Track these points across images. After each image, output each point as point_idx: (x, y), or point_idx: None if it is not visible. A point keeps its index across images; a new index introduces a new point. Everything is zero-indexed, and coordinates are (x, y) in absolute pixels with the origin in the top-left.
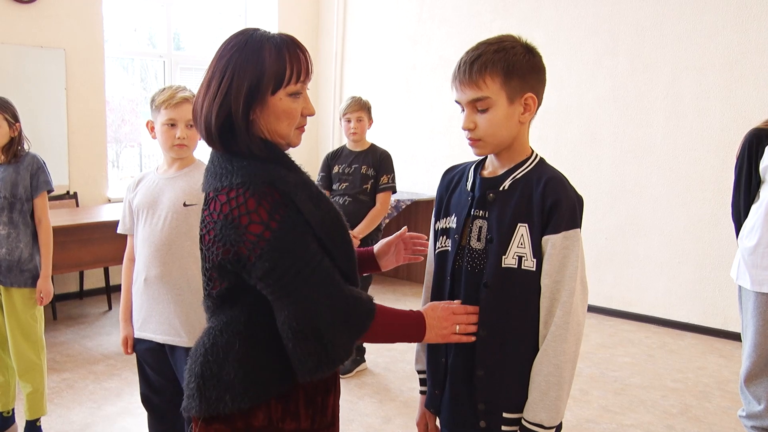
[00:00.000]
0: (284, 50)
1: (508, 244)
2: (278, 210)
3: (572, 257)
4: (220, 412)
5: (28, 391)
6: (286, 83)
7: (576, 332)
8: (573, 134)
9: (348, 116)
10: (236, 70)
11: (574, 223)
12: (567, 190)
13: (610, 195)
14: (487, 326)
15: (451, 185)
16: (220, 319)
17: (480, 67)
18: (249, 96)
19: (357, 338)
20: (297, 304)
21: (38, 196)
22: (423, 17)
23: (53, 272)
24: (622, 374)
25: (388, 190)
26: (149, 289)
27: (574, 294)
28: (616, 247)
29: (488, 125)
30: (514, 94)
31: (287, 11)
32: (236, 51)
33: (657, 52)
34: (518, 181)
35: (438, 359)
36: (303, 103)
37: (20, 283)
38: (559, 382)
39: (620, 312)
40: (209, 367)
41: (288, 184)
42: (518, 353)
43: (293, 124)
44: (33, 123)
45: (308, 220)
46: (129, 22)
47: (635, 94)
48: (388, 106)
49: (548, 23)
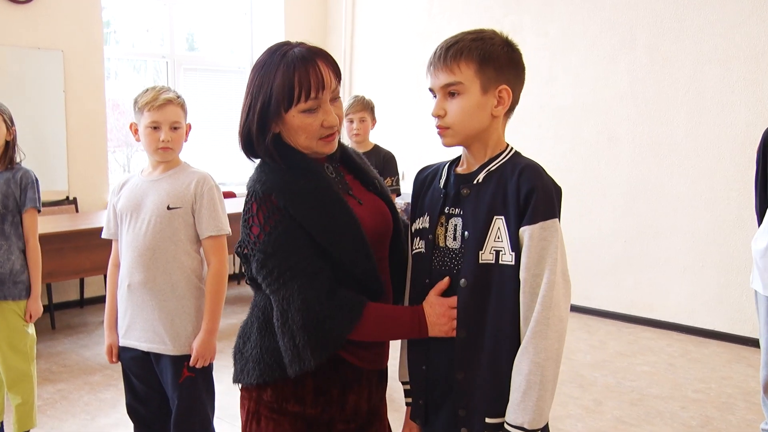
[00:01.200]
0: (294, 70)
1: (485, 239)
2: (273, 216)
3: (551, 249)
4: (242, 381)
5: (17, 403)
6: (296, 102)
7: (558, 328)
8: (589, 133)
9: (350, 116)
10: (254, 92)
11: (551, 213)
12: (543, 178)
13: (628, 195)
14: (466, 326)
15: (424, 185)
16: (253, 302)
17: (455, 52)
18: (264, 115)
19: (333, 344)
20: (277, 304)
21: (25, 211)
22: (433, 13)
23: (52, 279)
24: (639, 384)
25: (392, 193)
26: (133, 296)
27: (555, 287)
28: (636, 250)
29: (459, 112)
30: (488, 84)
31: (294, 9)
32: (257, 72)
33: (677, 44)
34: (493, 174)
35: (418, 367)
36: (322, 116)
37: (14, 296)
38: (541, 382)
39: (640, 318)
40: (239, 342)
41: (288, 192)
42: (499, 354)
43: (312, 137)
44: (31, 126)
45: (306, 228)
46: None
47: (654, 90)
48: (397, 105)
49: (562, 17)
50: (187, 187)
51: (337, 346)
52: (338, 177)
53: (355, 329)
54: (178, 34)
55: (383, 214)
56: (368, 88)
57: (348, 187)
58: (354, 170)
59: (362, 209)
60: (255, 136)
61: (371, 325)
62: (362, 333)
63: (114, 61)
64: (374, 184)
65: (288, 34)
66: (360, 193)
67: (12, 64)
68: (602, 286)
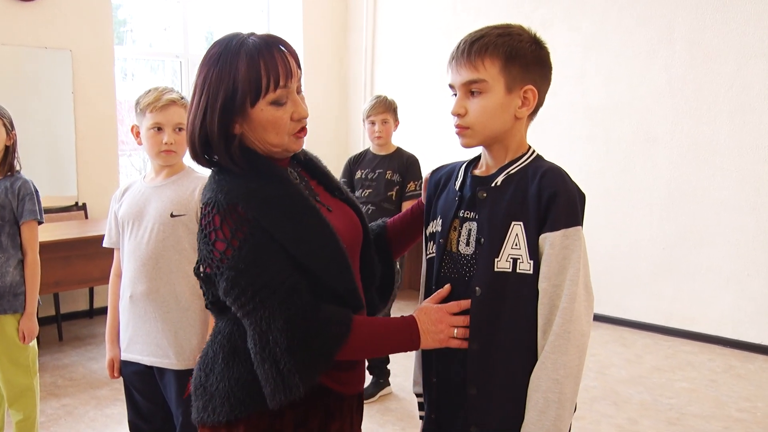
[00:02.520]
0: (258, 57)
1: (501, 246)
2: (241, 228)
3: (573, 258)
4: (206, 420)
5: (18, 419)
6: (264, 92)
7: (579, 343)
8: (625, 133)
9: (372, 118)
10: (210, 87)
11: (575, 220)
12: (566, 182)
13: (667, 199)
14: (479, 339)
15: (438, 186)
16: (214, 329)
17: (480, 48)
18: (225, 112)
19: (323, 365)
20: (254, 326)
21: (24, 223)
22: (458, 9)
23: (60, 289)
24: (678, 402)
25: (415, 198)
26: (135, 307)
27: (576, 299)
28: (676, 258)
29: (480, 112)
30: (513, 83)
31: (312, 6)
32: (211, 65)
33: (719, 39)
34: (512, 177)
35: (429, 380)
36: (292, 108)
37: (15, 309)
38: (559, 400)
39: (680, 331)
40: (200, 375)
41: (256, 201)
42: (515, 368)
43: (283, 132)
44: (38, 129)
45: (279, 239)
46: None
47: (695, 87)
48: (421, 106)
49: (595, 10)
50: (191, 194)
51: (327, 367)
52: (303, 182)
53: (344, 346)
54: (194, 33)
55: (353, 222)
56: (390, 88)
57: (314, 193)
58: (318, 175)
59: (332, 217)
60: (215, 140)
61: (361, 340)
62: (352, 350)
63: (130, 61)
64: (339, 189)
65: (307, 31)
66: (327, 199)
67: (19, 65)
68: (639, 296)
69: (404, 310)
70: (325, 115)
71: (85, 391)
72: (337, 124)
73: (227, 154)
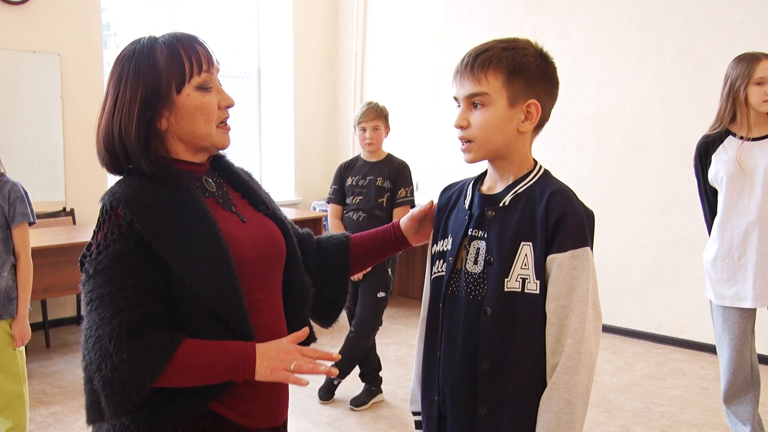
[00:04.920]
0: (176, 45)
1: (511, 266)
2: (112, 231)
3: (582, 279)
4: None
5: (7, 428)
6: (189, 77)
7: (588, 363)
8: (615, 141)
9: (363, 125)
10: (127, 84)
11: (583, 241)
12: (574, 203)
13: (657, 208)
14: (490, 358)
15: (449, 204)
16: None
17: (484, 61)
18: (147, 106)
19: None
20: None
21: (16, 227)
22: (450, 15)
23: (47, 295)
24: (670, 409)
25: (406, 205)
26: None
27: (586, 320)
28: (665, 266)
29: (482, 125)
30: (516, 97)
31: (303, 10)
32: (126, 62)
33: (709, 47)
34: (520, 196)
35: (432, 398)
36: (217, 95)
37: (10, 314)
38: (570, 420)
39: (670, 339)
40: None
41: (139, 206)
42: (524, 387)
43: (211, 119)
44: (25, 134)
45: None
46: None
47: (685, 95)
48: (412, 113)
49: (587, 18)
50: None
51: (140, 397)
52: (220, 191)
53: (161, 375)
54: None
55: (271, 237)
56: (380, 95)
57: (231, 203)
58: (242, 188)
59: (244, 228)
60: (133, 139)
61: (182, 368)
62: (171, 378)
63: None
64: (265, 204)
65: (297, 36)
66: (246, 211)
67: (6, 69)
68: (629, 304)
69: (394, 317)
70: (315, 122)
71: (74, 398)
72: (327, 130)
73: (145, 153)
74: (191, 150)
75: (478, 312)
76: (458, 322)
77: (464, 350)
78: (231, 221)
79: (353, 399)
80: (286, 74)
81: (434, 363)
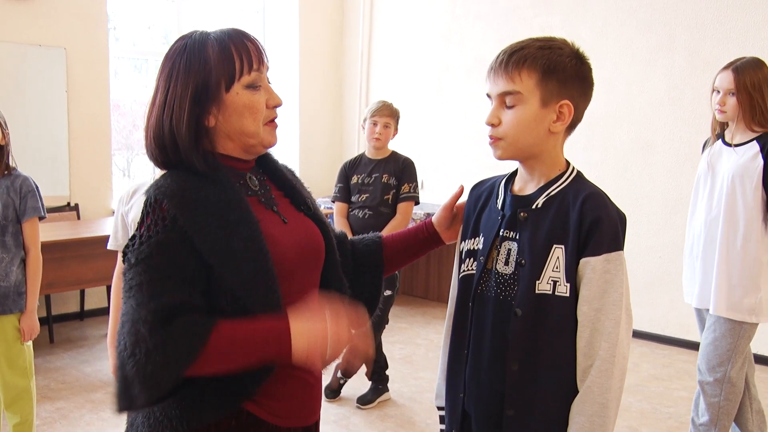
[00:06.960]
0: (228, 42)
1: (543, 268)
2: (155, 225)
3: (616, 283)
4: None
5: (14, 422)
6: (239, 75)
7: (621, 366)
8: (623, 141)
9: (375, 119)
10: (178, 80)
11: (616, 245)
12: (608, 207)
13: (665, 208)
14: (519, 359)
15: (479, 202)
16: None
17: (518, 59)
18: (197, 103)
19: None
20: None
21: (26, 221)
22: (456, 14)
23: (51, 291)
24: (677, 410)
25: (410, 200)
26: None
27: (620, 323)
28: (672, 267)
29: (513, 124)
30: (549, 97)
31: (308, 8)
32: (177, 57)
33: (720, 48)
34: (553, 199)
35: (456, 395)
36: (266, 94)
37: (20, 308)
38: (604, 424)
39: (677, 340)
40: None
41: (185, 201)
42: (553, 390)
43: (259, 118)
44: (31, 128)
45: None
46: (141, 20)
47: (693, 96)
48: (418, 112)
49: (596, 18)
50: None
51: (173, 382)
52: (263, 190)
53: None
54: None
55: (311, 237)
56: (387, 93)
57: (273, 203)
58: (285, 187)
59: (285, 229)
60: (183, 134)
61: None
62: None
63: (115, 59)
64: (306, 204)
65: (303, 35)
66: (287, 211)
67: (12, 62)
68: (636, 304)
69: (400, 315)
70: (321, 120)
71: (80, 394)
72: (333, 128)
73: (195, 149)
74: (239, 147)
75: (508, 313)
76: (487, 322)
77: (493, 350)
78: (272, 222)
79: (360, 397)
80: (291, 72)
81: (461, 361)
